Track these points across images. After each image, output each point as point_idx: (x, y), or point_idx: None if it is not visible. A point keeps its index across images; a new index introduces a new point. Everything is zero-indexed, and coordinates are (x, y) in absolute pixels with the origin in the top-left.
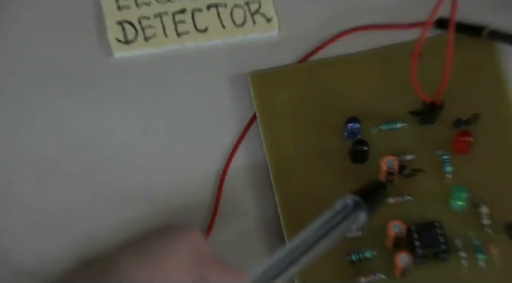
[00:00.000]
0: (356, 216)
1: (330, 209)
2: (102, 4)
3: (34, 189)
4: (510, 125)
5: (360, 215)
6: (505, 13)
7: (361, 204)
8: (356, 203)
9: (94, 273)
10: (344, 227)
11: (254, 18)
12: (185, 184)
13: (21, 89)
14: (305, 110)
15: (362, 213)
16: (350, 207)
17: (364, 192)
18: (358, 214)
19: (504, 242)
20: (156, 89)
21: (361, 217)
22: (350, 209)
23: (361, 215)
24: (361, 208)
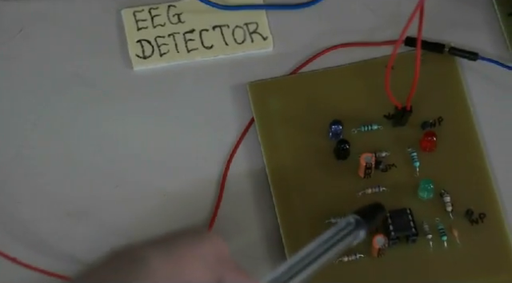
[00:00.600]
0: (357, 233)
1: (335, 226)
2: (124, 25)
3: (64, 182)
4: (468, 127)
5: (360, 233)
6: (462, 33)
7: (362, 223)
8: (358, 222)
9: (123, 266)
10: (346, 243)
11: (252, 37)
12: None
13: (55, 96)
14: (295, 115)
15: (362, 231)
16: (352, 225)
17: (365, 212)
18: (358, 232)
19: (464, 226)
20: (168, 97)
21: (361, 235)
22: (352, 227)
23: (361, 233)
24: (361, 226)
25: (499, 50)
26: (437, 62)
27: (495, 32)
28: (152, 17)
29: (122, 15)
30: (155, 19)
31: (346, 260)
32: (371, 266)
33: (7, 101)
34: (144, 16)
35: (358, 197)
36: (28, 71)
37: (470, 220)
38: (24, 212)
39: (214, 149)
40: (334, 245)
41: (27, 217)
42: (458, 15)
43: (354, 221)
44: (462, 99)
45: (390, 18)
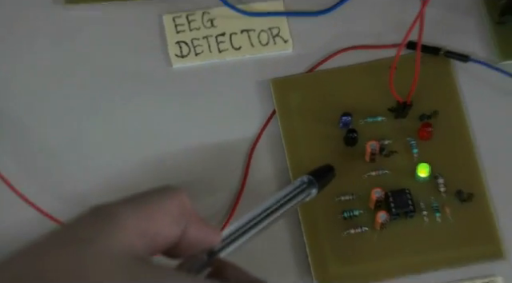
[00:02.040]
0: (309, 191)
1: (291, 184)
2: (165, 29)
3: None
4: (459, 119)
5: (312, 190)
6: (455, 39)
7: (313, 182)
8: (310, 181)
9: (96, 221)
10: (300, 199)
11: (275, 40)
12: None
13: (107, 89)
14: (311, 107)
15: (314, 189)
16: (306, 184)
17: (317, 173)
18: (310, 190)
19: (455, 204)
20: (202, 91)
21: (313, 192)
22: (305, 186)
23: (313, 190)
24: (313, 185)
25: (487, 54)
26: (434, 63)
27: (484, 38)
28: (189, 22)
29: (163, 20)
30: (192, 24)
31: (353, 232)
32: (375, 238)
33: (67, 93)
34: (182, 21)
35: (364, 179)
36: (85, 67)
37: (460, 199)
38: (80, 188)
39: (240, 135)
40: (290, 201)
41: (82, 192)
42: (452, 23)
43: (307, 180)
44: (454, 95)
45: (394, 25)
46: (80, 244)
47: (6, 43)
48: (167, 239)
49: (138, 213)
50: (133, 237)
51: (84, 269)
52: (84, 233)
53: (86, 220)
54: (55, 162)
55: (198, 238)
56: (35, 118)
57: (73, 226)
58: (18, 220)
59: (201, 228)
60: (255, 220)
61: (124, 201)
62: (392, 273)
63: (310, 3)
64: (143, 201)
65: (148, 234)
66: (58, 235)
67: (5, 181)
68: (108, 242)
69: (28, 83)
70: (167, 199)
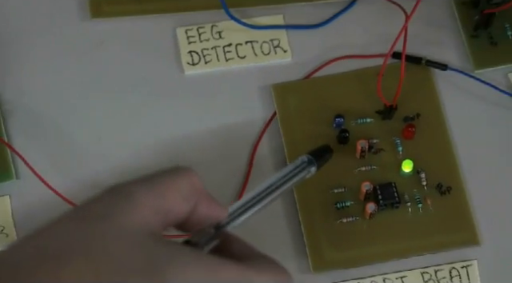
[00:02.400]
0: (309, 169)
1: (292, 163)
2: (178, 40)
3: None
4: (439, 121)
5: (312, 169)
6: (435, 49)
7: (313, 161)
8: (309, 160)
9: (112, 200)
10: (300, 176)
11: (276, 50)
12: (225, 156)
13: (126, 94)
14: (308, 110)
15: (313, 168)
16: (306, 162)
17: (316, 153)
18: (310, 168)
19: (435, 196)
20: (211, 95)
21: (312, 170)
22: (305, 164)
23: (312, 169)
24: (312, 164)
25: (463, 63)
26: (416, 71)
27: (460, 49)
28: (199, 34)
29: (177, 32)
30: (202, 35)
31: (345, 221)
32: (365, 226)
33: (91, 96)
34: (193, 33)
35: (354, 174)
36: (106, 74)
37: (440, 191)
38: (103, 180)
39: (244, 135)
40: (291, 178)
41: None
42: (432, 36)
43: (306, 159)
44: (434, 99)
45: (380, 37)
46: (98, 219)
47: (38, 52)
48: (178, 215)
49: (152, 192)
50: (147, 214)
51: (102, 242)
52: (102, 210)
53: (103, 198)
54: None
55: (206, 214)
56: (66, 119)
57: (91, 204)
58: (48, 210)
59: (209, 204)
60: (259, 196)
61: (138, 181)
62: (380, 258)
63: (306, 18)
64: (156, 180)
65: (161, 211)
66: (77, 212)
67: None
68: (124, 219)
69: (58, 87)
70: (178, 178)
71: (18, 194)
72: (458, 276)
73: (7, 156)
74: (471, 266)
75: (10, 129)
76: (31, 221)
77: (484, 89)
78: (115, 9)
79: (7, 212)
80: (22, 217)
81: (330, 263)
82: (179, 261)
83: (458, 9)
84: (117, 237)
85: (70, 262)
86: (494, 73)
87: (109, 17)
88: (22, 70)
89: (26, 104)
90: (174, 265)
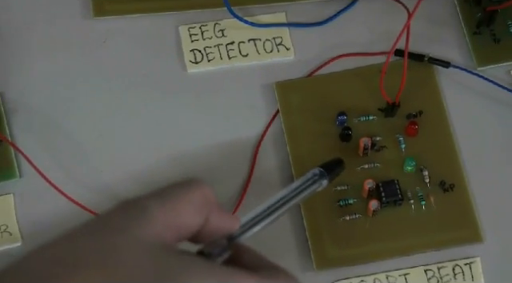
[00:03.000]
0: (321, 182)
1: (304, 176)
2: (181, 38)
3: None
4: (442, 118)
5: (323, 182)
6: (438, 47)
7: (324, 174)
8: (321, 173)
9: (127, 213)
10: (312, 189)
11: (278, 48)
12: (228, 154)
13: (129, 91)
14: (311, 107)
15: (325, 181)
16: (317, 175)
17: (327, 166)
18: (321, 181)
19: (438, 194)
20: (214, 93)
21: (323, 183)
22: (317, 177)
23: (323, 182)
24: (324, 177)
25: (466, 60)
26: (418, 69)
27: (463, 46)
28: (202, 32)
29: (179, 31)
30: (204, 34)
31: (348, 218)
32: (367, 223)
33: (94, 94)
34: (196, 31)
35: (357, 171)
36: (108, 73)
37: (443, 189)
38: (105, 179)
39: (248, 133)
40: (303, 191)
41: (108, 182)
42: (435, 33)
43: (318, 172)
44: (437, 97)
45: (383, 35)
46: (113, 232)
47: (41, 51)
48: (191, 228)
49: (165, 206)
50: (160, 228)
51: (116, 254)
52: (116, 224)
53: (117, 212)
54: (83, 155)
55: (218, 225)
56: (69, 117)
57: (106, 217)
58: (52, 208)
59: (221, 216)
60: (271, 208)
61: (151, 195)
62: (383, 255)
63: (309, 16)
64: (169, 194)
65: (174, 225)
66: (92, 224)
67: (41, 175)
68: (138, 232)
69: (61, 86)
70: (191, 191)
71: (21, 193)
72: (461, 273)
73: (10, 154)
74: (474, 263)
75: (13, 127)
76: (34, 219)
77: (487, 86)
78: (118, 8)
79: (11, 210)
80: (25, 216)
81: (333, 260)
82: (192, 271)
83: (461, 6)
84: (131, 249)
85: (83, 272)
86: (496, 70)
87: (111, 15)
88: (25, 69)
89: (29, 103)
90: (186, 275)
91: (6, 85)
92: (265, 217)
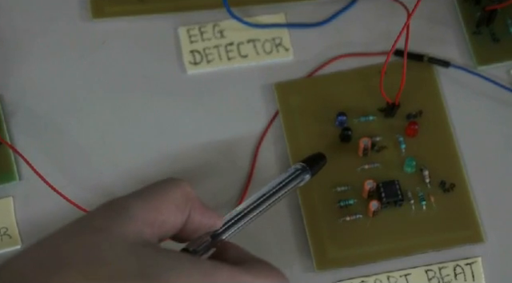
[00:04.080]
0: (303, 176)
1: (286, 171)
2: (180, 39)
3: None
4: (442, 118)
5: (306, 176)
6: (437, 47)
7: (306, 169)
8: (303, 168)
9: (110, 214)
10: (294, 184)
11: (278, 48)
12: (228, 155)
13: (128, 93)
14: (310, 108)
15: (307, 175)
16: (299, 170)
17: (309, 160)
18: (304, 176)
19: (438, 194)
20: (213, 94)
21: (306, 178)
22: (299, 172)
23: (306, 176)
24: (306, 171)
25: (465, 60)
26: (418, 69)
27: (462, 46)
28: (201, 33)
29: (179, 32)
30: (204, 35)
31: (348, 219)
32: (368, 224)
33: (93, 96)
34: (195, 32)
35: (357, 172)
36: (108, 73)
37: (443, 189)
38: (105, 181)
39: (247, 134)
40: (286, 186)
41: (108, 185)
42: (434, 33)
43: (300, 167)
44: (437, 97)
45: (383, 35)
46: (94, 232)
47: (39, 53)
48: (173, 225)
49: (146, 205)
50: (142, 226)
51: (98, 253)
52: (97, 224)
53: (98, 212)
54: (83, 158)
55: (201, 222)
56: (68, 120)
57: (87, 218)
58: (51, 211)
59: (203, 212)
60: (253, 204)
61: (133, 195)
62: (384, 256)
63: (308, 16)
64: (150, 193)
65: (156, 223)
66: (73, 225)
67: (41, 177)
68: (120, 231)
69: (61, 88)
70: (171, 190)
71: (20, 195)
72: (462, 273)
73: (10, 157)
74: (475, 263)
75: (12, 130)
76: (34, 222)
77: (487, 85)
78: (117, 10)
79: (10, 213)
80: (25, 219)
81: (334, 261)
82: (177, 265)
83: (460, 6)
84: (112, 247)
85: (64, 272)
86: (496, 69)
87: (110, 17)
88: (24, 71)
89: (28, 105)
90: (169, 269)
91: (6, 88)
92: (248, 213)
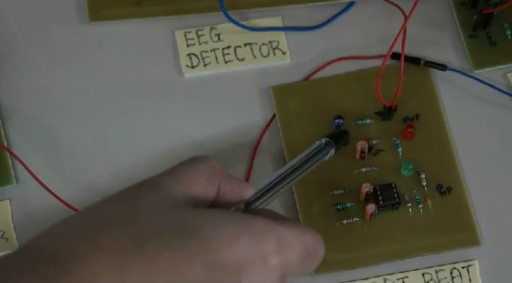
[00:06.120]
0: (328, 150)
1: (311, 145)
2: (177, 42)
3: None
4: (438, 121)
5: (330, 150)
6: (434, 50)
7: (331, 143)
8: (328, 142)
9: (141, 187)
10: (320, 157)
11: (275, 52)
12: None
13: (125, 96)
14: (307, 111)
15: (332, 149)
16: (323, 144)
17: (333, 136)
18: (329, 150)
19: (435, 197)
20: (210, 97)
21: (331, 152)
22: (324, 146)
23: (331, 150)
24: (331, 146)
25: (462, 63)
26: (415, 72)
27: (459, 49)
28: (198, 36)
29: (175, 35)
30: (201, 38)
31: (345, 222)
32: (365, 227)
33: (90, 100)
34: (192, 36)
35: (354, 175)
36: (105, 76)
37: (440, 192)
38: (103, 184)
39: (244, 138)
40: (311, 159)
41: (106, 188)
42: (431, 36)
43: (324, 142)
44: (434, 100)
45: (380, 38)
46: (131, 199)
47: (38, 55)
48: (206, 198)
49: (177, 179)
50: (175, 196)
51: (137, 214)
52: (133, 194)
53: (135, 187)
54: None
55: (233, 192)
56: (65, 123)
57: (122, 191)
58: (49, 214)
59: (233, 183)
60: (282, 176)
61: (163, 173)
62: (380, 259)
63: (305, 19)
64: (178, 170)
65: (189, 196)
66: (111, 197)
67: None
68: (155, 198)
69: (57, 91)
70: (198, 165)
71: (18, 199)
72: (459, 276)
73: (7, 160)
74: (472, 266)
75: (9, 133)
76: (31, 225)
77: (483, 89)
78: (113, 13)
79: (7, 216)
80: (22, 222)
81: (331, 265)
82: (210, 218)
83: (457, 9)
84: (150, 208)
85: (107, 229)
86: (493, 73)
87: (107, 20)
88: (20, 74)
89: (25, 108)
90: (205, 222)
91: (1, 91)
92: (277, 184)
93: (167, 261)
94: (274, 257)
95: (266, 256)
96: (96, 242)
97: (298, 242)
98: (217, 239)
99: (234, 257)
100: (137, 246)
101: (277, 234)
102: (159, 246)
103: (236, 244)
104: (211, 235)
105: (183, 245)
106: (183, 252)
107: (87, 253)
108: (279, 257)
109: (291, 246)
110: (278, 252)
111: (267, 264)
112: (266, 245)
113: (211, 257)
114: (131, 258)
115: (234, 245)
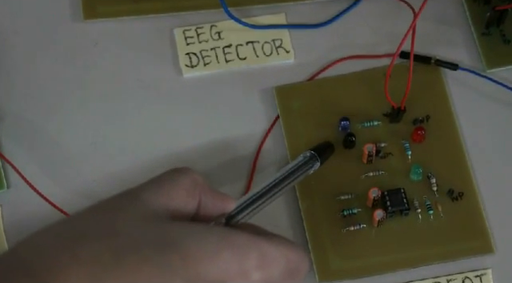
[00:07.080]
0: (313, 164)
1: (296, 159)
2: (176, 41)
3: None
4: (450, 123)
5: (315, 164)
6: (445, 48)
7: (315, 156)
8: (312, 155)
9: (122, 198)
10: (304, 171)
11: (278, 51)
12: (229, 162)
13: (122, 97)
14: (312, 112)
15: (317, 163)
16: (308, 158)
17: (318, 148)
18: (314, 163)
19: (446, 202)
20: (211, 98)
21: (315, 165)
22: (308, 159)
23: (316, 164)
24: (316, 159)
25: (474, 62)
26: (425, 71)
27: (471, 47)
28: (198, 34)
29: (174, 33)
30: (200, 36)
31: (352, 229)
32: (372, 234)
33: (85, 101)
34: (192, 34)
35: (361, 179)
36: (101, 76)
37: (451, 197)
38: (98, 189)
39: (247, 140)
40: (296, 173)
41: (101, 193)
42: (441, 34)
43: (309, 155)
44: (445, 101)
45: (388, 36)
46: (110, 211)
47: (30, 55)
48: (187, 210)
49: (158, 193)
50: (156, 208)
51: (114, 226)
52: (113, 205)
53: (115, 198)
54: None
55: (214, 205)
56: (59, 125)
57: (102, 202)
58: (40, 219)
59: (214, 196)
60: (265, 189)
61: (143, 185)
62: (389, 267)
63: (309, 17)
64: (160, 182)
65: (169, 209)
66: (90, 208)
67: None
68: (134, 210)
69: (50, 92)
70: (179, 177)
71: (9, 203)
72: None
73: None
74: (485, 275)
75: (0, 136)
76: (22, 230)
77: (497, 89)
78: (109, 10)
79: None
80: (13, 227)
81: (337, 273)
82: (191, 232)
83: (469, 5)
84: (128, 221)
85: (85, 242)
86: (506, 72)
87: (103, 18)
88: (13, 75)
89: (16, 110)
90: (185, 236)
91: None
92: (259, 198)
93: (146, 276)
94: (256, 273)
95: (247, 271)
96: (73, 255)
97: (280, 258)
98: (198, 253)
99: (216, 272)
100: (115, 260)
101: (259, 249)
102: (138, 260)
103: (217, 259)
104: (192, 249)
105: (163, 260)
106: (163, 266)
107: (64, 265)
108: (261, 272)
109: (274, 262)
110: (260, 267)
111: (249, 279)
112: (247, 261)
113: (192, 271)
114: (109, 272)
115: (215, 259)
